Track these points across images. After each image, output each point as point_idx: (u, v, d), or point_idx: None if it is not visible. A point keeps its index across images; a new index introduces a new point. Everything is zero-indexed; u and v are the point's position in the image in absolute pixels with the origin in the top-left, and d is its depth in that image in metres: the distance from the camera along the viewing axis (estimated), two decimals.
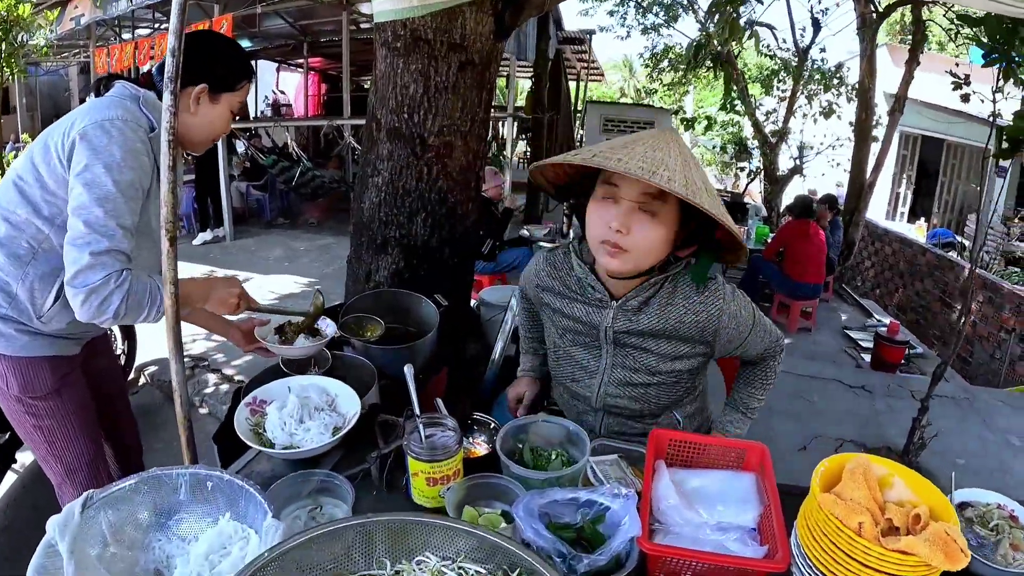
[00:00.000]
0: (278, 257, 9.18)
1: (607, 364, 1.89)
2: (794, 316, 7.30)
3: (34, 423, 2.00)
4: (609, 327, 1.83)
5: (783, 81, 14.32)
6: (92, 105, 1.78)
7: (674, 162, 1.56)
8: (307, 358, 2.22)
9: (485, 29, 2.82)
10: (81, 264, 1.65)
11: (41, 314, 1.86)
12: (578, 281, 1.87)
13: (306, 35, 12.75)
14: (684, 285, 1.79)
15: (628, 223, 1.61)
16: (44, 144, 1.78)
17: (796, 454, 4.19)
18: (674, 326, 1.79)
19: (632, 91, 33.37)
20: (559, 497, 1.35)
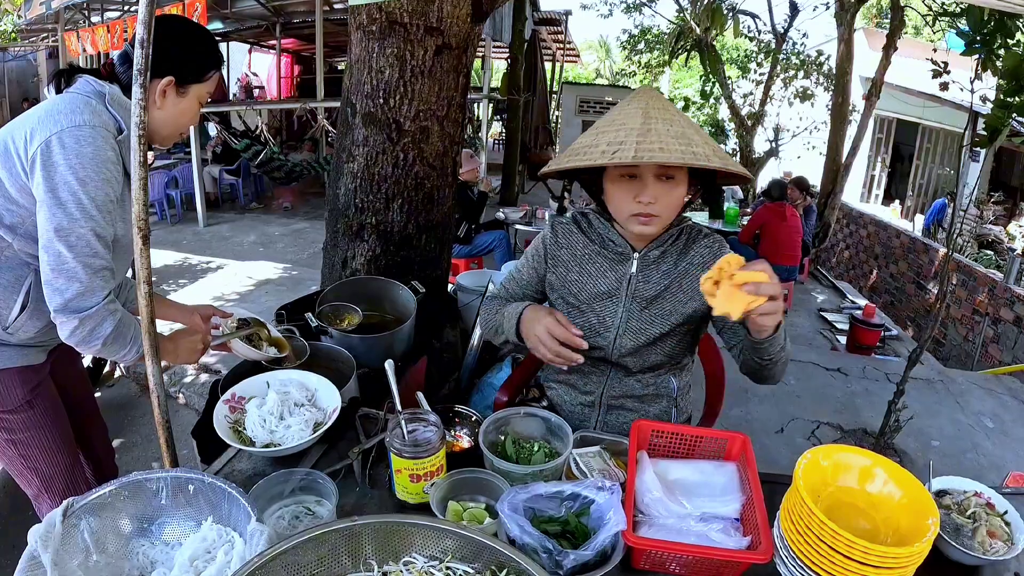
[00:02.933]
0: (252, 242, 9.11)
1: (623, 317, 1.93)
2: None
3: (6, 437, 1.91)
4: (634, 275, 1.91)
5: (761, 64, 14.37)
6: (55, 107, 1.65)
7: (686, 130, 1.67)
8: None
9: (462, 12, 2.79)
10: (72, 292, 1.61)
11: (7, 325, 1.78)
12: (600, 238, 1.97)
13: (279, 16, 12.55)
14: (694, 234, 1.94)
15: (655, 194, 1.72)
16: (4, 147, 1.65)
17: (773, 436, 4.22)
18: (689, 266, 1.90)
19: (608, 72, 33.33)
20: (543, 491, 1.35)
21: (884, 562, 1.15)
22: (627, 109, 1.74)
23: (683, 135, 1.65)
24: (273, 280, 7.29)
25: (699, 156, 1.61)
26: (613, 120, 1.74)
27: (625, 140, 1.65)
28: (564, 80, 19.54)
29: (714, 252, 1.90)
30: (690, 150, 1.62)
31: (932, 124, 14.97)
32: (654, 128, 1.65)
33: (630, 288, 1.92)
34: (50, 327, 1.83)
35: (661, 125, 1.66)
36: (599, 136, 1.72)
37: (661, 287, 1.91)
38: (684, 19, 11.12)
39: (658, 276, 1.91)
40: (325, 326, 2.36)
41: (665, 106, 1.73)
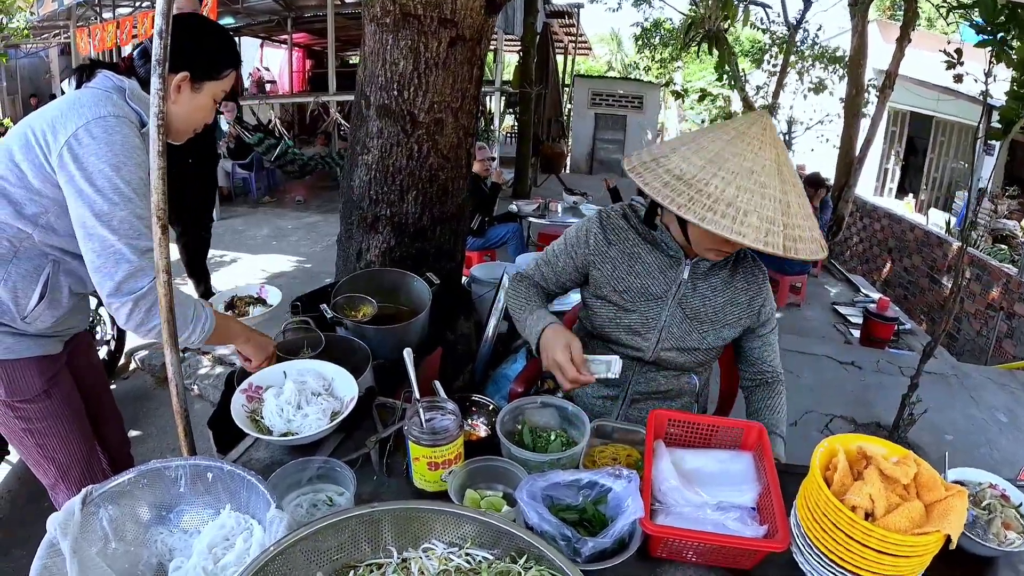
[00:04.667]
0: (266, 236, 9.13)
1: (666, 321, 1.97)
2: (783, 292, 7.30)
3: (24, 427, 1.92)
4: (685, 282, 1.95)
5: (774, 56, 14.28)
6: (78, 101, 1.67)
7: (779, 204, 1.58)
8: (300, 341, 2.19)
9: (476, 4, 2.77)
10: (123, 273, 1.61)
11: (25, 314, 1.78)
12: (651, 236, 1.98)
13: (290, 10, 12.59)
14: (742, 258, 2.01)
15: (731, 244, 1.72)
16: (25, 139, 1.66)
17: (787, 429, 4.19)
18: (734, 293, 1.97)
19: (620, 65, 33.25)
20: (561, 479, 1.36)
21: (900, 550, 1.16)
22: (759, 157, 1.61)
23: (775, 220, 1.56)
24: (287, 272, 7.31)
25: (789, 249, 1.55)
26: (740, 171, 1.60)
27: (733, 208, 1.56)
28: (576, 73, 19.50)
29: (759, 286, 2.00)
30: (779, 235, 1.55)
31: (946, 117, 14.85)
32: (768, 208, 1.57)
33: (678, 294, 1.96)
34: (67, 317, 1.88)
35: (769, 205, 1.57)
36: (723, 183, 1.58)
37: (706, 302, 1.96)
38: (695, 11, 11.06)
39: (706, 289, 1.96)
40: (340, 317, 2.36)
41: (781, 165, 1.63)
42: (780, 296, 7.32)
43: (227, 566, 1.25)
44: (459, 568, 1.07)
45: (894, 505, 1.21)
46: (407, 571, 1.09)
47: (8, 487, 3.32)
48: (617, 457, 1.62)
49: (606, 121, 18.44)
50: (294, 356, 2.08)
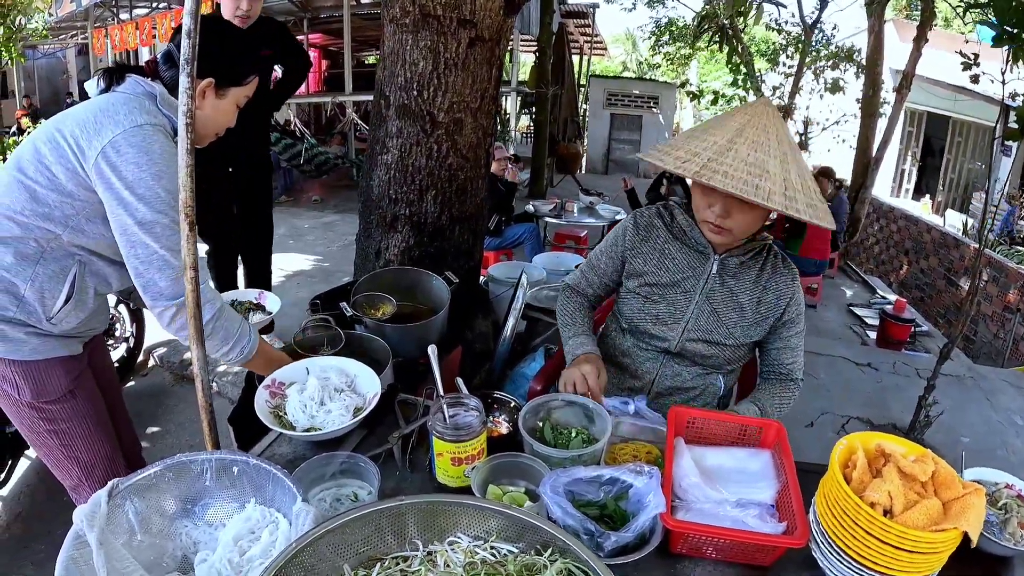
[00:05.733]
0: (283, 235, 9.15)
1: (694, 313, 2.03)
2: None
3: (49, 428, 1.92)
4: (713, 276, 2.01)
5: (790, 56, 14.21)
6: (111, 107, 1.68)
7: (775, 163, 1.68)
8: (320, 339, 2.21)
9: (494, 5, 2.80)
10: (167, 279, 1.65)
11: (51, 315, 1.79)
12: (682, 232, 2.08)
13: (306, 11, 12.65)
14: (773, 258, 2.04)
15: (727, 210, 1.80)
16: (55, 142, 1.67)
17: (803, 430, 4.20)
18: (762, 291, 2.00)
19: (635, 65, 33.19)
20: (583, 475, 1.37)
21: (918, 546, 1.17)
22: (730, 121, 1.78)
23: (759, 164, 1.67)
24: (305, 271, 7.33)
25: (761, 191, 1.64)
26: (710, 127, 1.80)
27: (701, 153, 1.71)
28: (592, 73, 19.50)
29: (788, 286, 2.01)
30: (754, 182, 1.64)
31: (963, 117, 14.72)
32: (735, 150, 1.69)
33: (705, 287, 2.02)
34: (90, 318, 1.89)
35: (744, 148, 1.69)
36: (690, 139, 1.79)
37: (733, 298, 2.01)
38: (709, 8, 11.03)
39: (735, 285, 2.01)
40: (360, 315, 2.38)
41: (766, 126, 1.74)
42: None
43: (252, 558, 1.27)
44: (484, 561, 1.09)
45: (912, 502, 1.22)
46: (433, 564, 1.10)
47: (27, 482, 3.36)
48: (638, 454, 1.63)
49: (622, 121, 18.41)
50: (314, 353, 2.10)
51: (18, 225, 1.70)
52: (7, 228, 1.71)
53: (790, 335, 2.05)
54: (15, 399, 1.86)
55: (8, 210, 1.70)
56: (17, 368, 1.81)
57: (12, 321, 1.76)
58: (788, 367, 2.07)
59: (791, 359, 2.06)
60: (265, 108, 4.12)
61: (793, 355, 2.06)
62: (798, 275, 2.05)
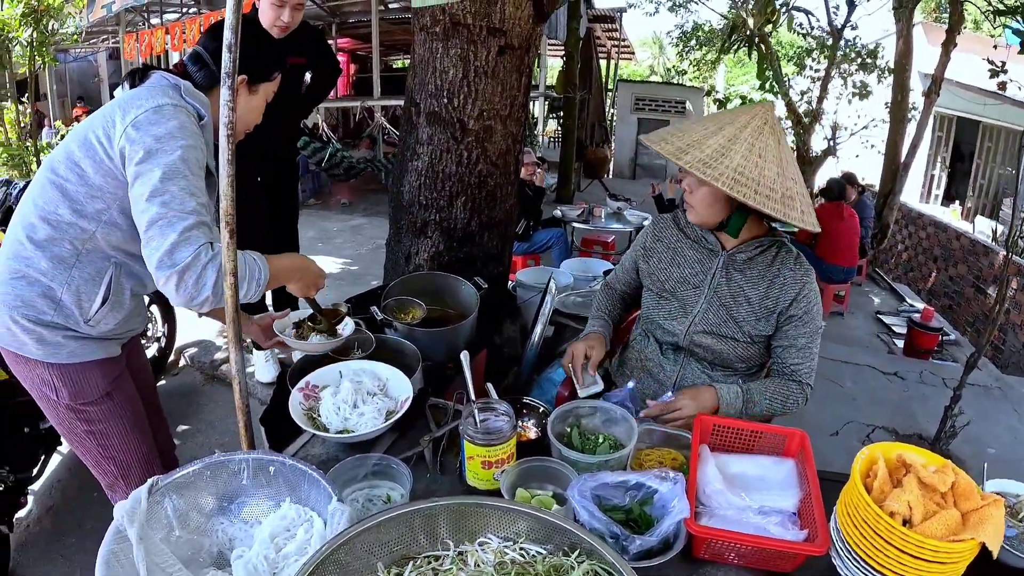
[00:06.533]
0: (311, 238, 9.24)
1: (703, 307, 2.12)
2: (827, 300, 7.20)
3: (87, 428, 1.94)
4: (719, 271, 2.10)
5: (817, 60, 14.09)
6: (136, 94, 1.72)
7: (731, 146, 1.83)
8: (352, 342, 2.23)
9: (524, 13, 2.84)
10: (167, 244, 1.57)
11: (89, 318, 1.80)
12: (695, 233, 2.19)
13: (335, 16, 12.76)
14: (785, 254, 2.07)
15: (690, 184, 2.00)
16: (84, 139, 1.71)
17: (828, 439, 4.20)
18: (770, 286, 2.04)
19: (662, 69, 33.09)
20: (609, 480, 1.41)
21: (936, 556, 1.19)
22: (722, 117, 1.93)
23: (723, 149, 1.81)
24: (334, 275, 7.38)
25: (705, 167, 1.79)
26: (707, 120, 1.95)
27: (684, 138, 1.89)
28: (620, 78, 19.48)
29: (796, 280, 2.03)
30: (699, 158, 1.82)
31: (993, 122, 14.50)
32: (710, 143, 1.85)
33: (713, 282, 2.11)
34: (128, 319, 1.91)
35: (717, 140, 1.85)
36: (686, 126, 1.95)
37: (741, 292, 2.07)
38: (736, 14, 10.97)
39: (741, 279, 2.08)
40: (390, 319, 2.41)
41: (747, 124, 1.88)
42: (824, 304, 7.16)
43: (288, 555, 1.31)
44: (514, 561, 1.12)
45: (931, 512, 1.24)
46: (464, 563, 1.14)
47: (59, 477, 3.43)
48: (663, 460, 1.67)
49: (649, 126, 18.28)
50: (345, 357, 2.13)
51: (52, 226, 1.73)
52: (42, 231, 1.73)
53: (797, 334, 2.04)
54: (54, 401, 1.88)
55: (42, 211, 1.73)
56: (55, 371, 1.83)
57: (50, 325, 1.78)
58: (793, 367, 2.06)
59: (797, 360, 2.05)
60: (295, 113, 4.16)
61: (799, 356, 2.05)
62: (813, 275, 2.07)
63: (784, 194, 1.81)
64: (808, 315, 2.04)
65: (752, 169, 1.79)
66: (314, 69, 4.11)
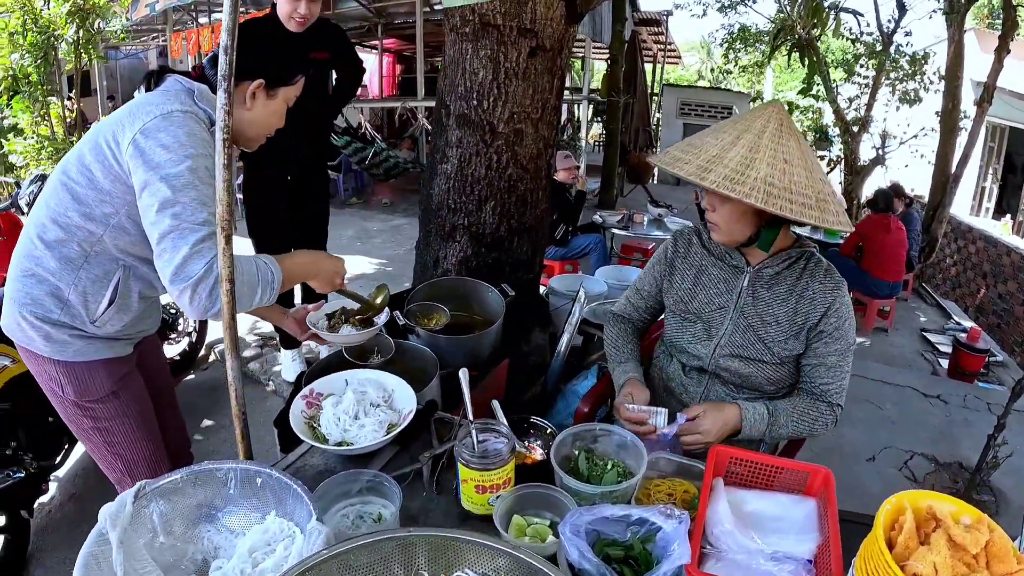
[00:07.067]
0: (351, 237, 9.28)
1: (729, 329, 2.00)
2: (871, 315, 7.02)
3: (93, 425, 1.95)
4: (744, 289, 1.98)
5: (866, 67, 13.77)
6: (147, 99, 1.71)
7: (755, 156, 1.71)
8: (371, 347, 2.20)
9: (556, 13, 2.76)
10: (180, 258, 1.57)
11: (95, 318, 1.82)
12: (719, 250, 2.06)
13: (380, 17, 12.78)
14: (814, 265, 1.96)
15: (712, 203, 1.88)
16: (95, 143, 1.70)
17: (863, 464, 4.01)
18: (799, 302, 1.93)
19: (710, 74, 32.77)
20: (610, 513, 1.31)
21: None
22: (735, 124, 1.82)
23: (746, 160, 1.71)
24: (368, 275, 7.39)
25: (733, 184, 1.67)
26: (718, 130, 1.85)
27: (701, 155, 1.79)
28: (666, 82, 19.29)
29: (826, 295, 1.91)
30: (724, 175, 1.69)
31: None
32: (731, 156, 1.74)
33: (739, 302, 1.99)
34: (136, 321, 1.91)
35: (737, 151, 1.74)
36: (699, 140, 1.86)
37: (768, 311, 1.95)
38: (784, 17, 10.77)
39: (769, 296, 1.96)
40: (412, 325, 2.37)
41: (764, 128, 1.77)
42: (867, 320, 7.04)
43: (264, 571, 1.28)
44: None
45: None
46: None
47: (83, 464, 3.47)
48: (673, 492, 1.57)
49: (694, 131, 18.12)
50: (363, 361, 2.11)
51: (62, 228, 1.74)
52: (53, 232, 1.74)
53: (827, 352, 1.92)
54: (60, 396, 1.90)
55: (53, 212, 1.74)
56: (61, 368, 1.85)
57: (57, 323, 1.80)
58: (822, 387, 1.94)
59: (826, 379, 1.93)
60: (323, 114, 4.14)
61: (829, 375, 1.93)
62: (844, 288, 1.94)
63: (818, 198, 1.70)
64: (839, 331, 1.91)
65: (781, 177, 1.69)
66: (338, 70, 4.09)
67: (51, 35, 6.96)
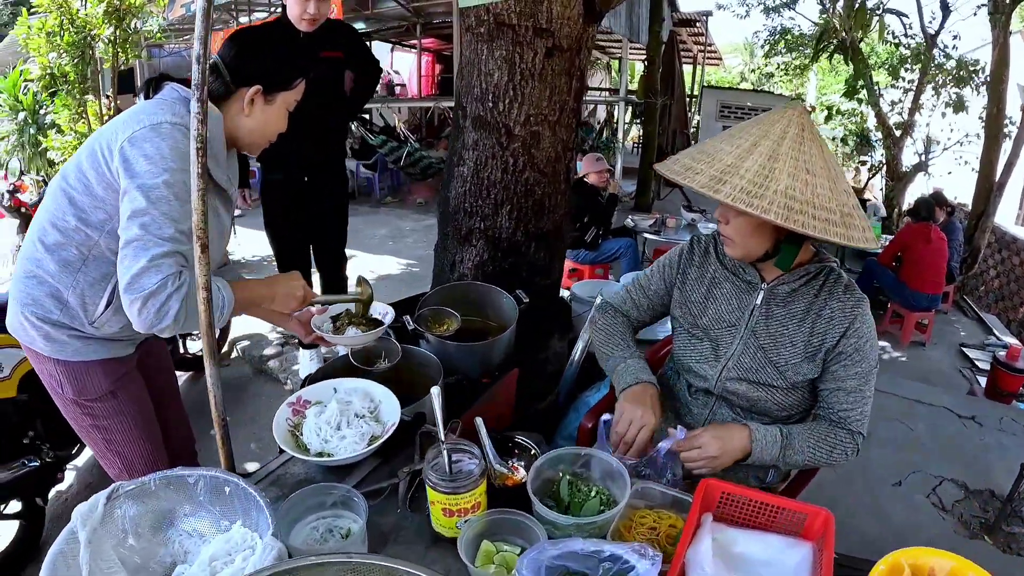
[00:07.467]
0: (383, 236, 9.30)
1: (738, 349, 1.88)
2: (908, 328, 6.80)
3: (91, 423, 1.99)
4: (758, 307, 1.86)
5: (910, 70, 13.42)
6: (141, 109, 1.73)
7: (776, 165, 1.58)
8: (378, 352, 2.17)
9: (573, 12, 2.69)
10: (136, 268, 1.60)
11: (93, 320, 1.84)
12: (733, 263, 1.93)
13: (419, 16, 12.82)
14: (833, 282, 1.82)
15: (725, 215, 1.74)
16: (92, 150, 1.73)
17: (888, 489, 3.80)
18: (815, 321, 1.79)
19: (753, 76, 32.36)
20: (579, 548, 1.22)
21: None
22: (752, 128, 1.68)
23: (765, 170, 1.57)
24: (394, 275, 7.39)
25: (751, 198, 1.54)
26: (734, 134, 1.70)
27: (715, 164, 1.64)
28: (706, 83, 19.06)
29: (846, 313, 1.77)
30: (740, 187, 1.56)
31: None
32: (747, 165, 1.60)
33: (751, 321, 1.87)
34: None
35: (755, 160, 1.60)
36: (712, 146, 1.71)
37: (782, 332, 1.83)
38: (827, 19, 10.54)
39: (784, 315, 1.83)
40: (422, 330, 2.32)
41: (785, 133, 1.63)
42: (904, 333, 6.83)
43: None
44: None
45: None
46: None
47: None
48: (658, 526, 1.45)
49: None
50: (369, 366, 2.09)
51: (60, 232, 1.77)
52: (52, 236, 1.78)
53: (847, 375, 1.77)
54: (59, 394, 1.95)
55: (53, 216, 1.78)
56: (60, 367, 1.89)
57: (56, 324, 1.84)
58: (841, 414, 1.79)
59: (846, 405, 1.78)
60: (338, 114, 4.11)
61: (849, 400, 1.78)
62: (866, 306, 1.79)
63: (842, 212, 1.56)
64: (859, 352, 1.76)
65: (803, 189, 1.55)
66: (352, 68, 4.06)
67: (88, 35, 7.10)
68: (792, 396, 1.86)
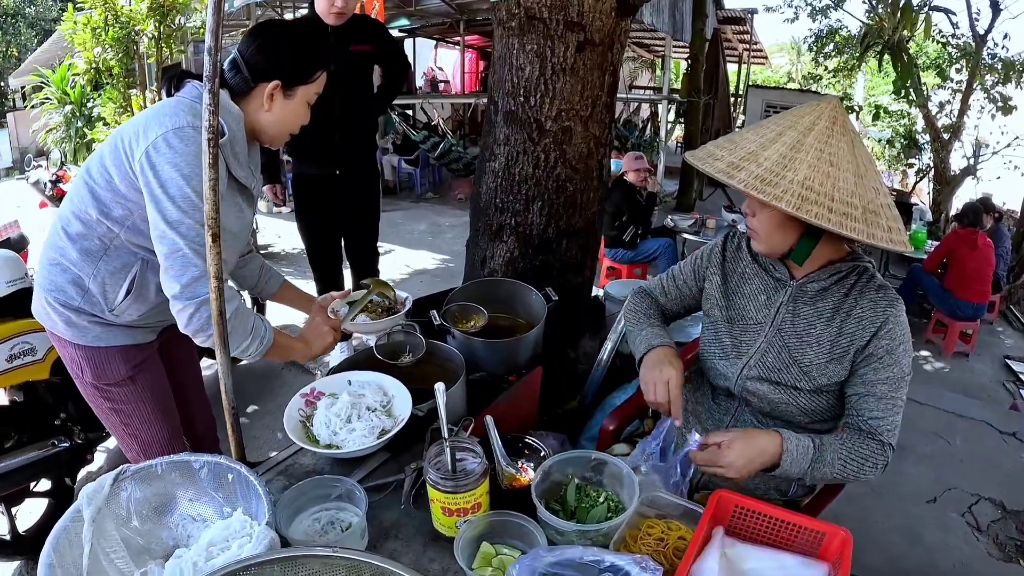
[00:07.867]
0: (422, 231, 9.35)
1: (761, 347, 1.83)
2: (951, 338, 6.58)
3: (110, 406, 2.04)
4: (784, 304, 1.81)
5: (960, 71, 13.02)
6: (162, 110, 1.73)
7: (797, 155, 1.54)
8: (403, 346, 2.17)
9: (606, 6, 2.64)
10: (188, 277, 1.67)
11: (113, 307, 1.88)
12: (763, 258, 1.89)
13: (463, 13, 12.84)
14: (865, 282, 1.74)
15: (752, 207, 1.71)
16: (115, 146, 1.74)
17: (922, 506, 3.66)
18: (845, 320, 1.72)
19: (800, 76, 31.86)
20: (577, 556, 1.18)
21: None
22: (781, 120, 1.64)
23: (785, 159, 1.53)
24: (429, 271, 7.40)
25: (765, 185, 1.51)
26: (763, 125, 1.67)
27: (736, 151, 1.62)
28: (752, 83, 18.78)
29: (878, 313, 1.68)
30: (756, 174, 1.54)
31: None
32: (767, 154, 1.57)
33: (777, 318, 1.81)
34: (153, 311, 1.97)
35: (776, 149, 1.56)
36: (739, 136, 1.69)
37: (809, 331, 1.76)
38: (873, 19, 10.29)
39: (811, 314, 1.77)
40: (448, 326, 2.30)
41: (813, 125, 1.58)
42: (948, 343, 6.61)
43: (215, 567, 1.26)
44: None
45: None
46: None
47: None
48: (666, 537, 1.40)
49: None
50: (394, 360, 2.09)
51: (83, 223, 1.81)
52: (75, 226, 1.82)
53: (876, 379, 1.67)
54: (80, 377, 2.00)
55: (76, 208, 1.82)
56: (80, 352, 1.94)
57: (78, 310, 1.88)
58: (871, 422, 1.67)
59: (875, 412, 1.67)
60: (368, 108, 4.11)
61: (879, 408, 1.67)
62: (900, 307, 1.69)
63: (866, 208, 1.49)
64: (891, 356, 1.66)
65: (823, 181, 1.49)
66: (380, 63, 4.06)
67: (132, 30, 7.24)
68: (816, 401, 1.78)
